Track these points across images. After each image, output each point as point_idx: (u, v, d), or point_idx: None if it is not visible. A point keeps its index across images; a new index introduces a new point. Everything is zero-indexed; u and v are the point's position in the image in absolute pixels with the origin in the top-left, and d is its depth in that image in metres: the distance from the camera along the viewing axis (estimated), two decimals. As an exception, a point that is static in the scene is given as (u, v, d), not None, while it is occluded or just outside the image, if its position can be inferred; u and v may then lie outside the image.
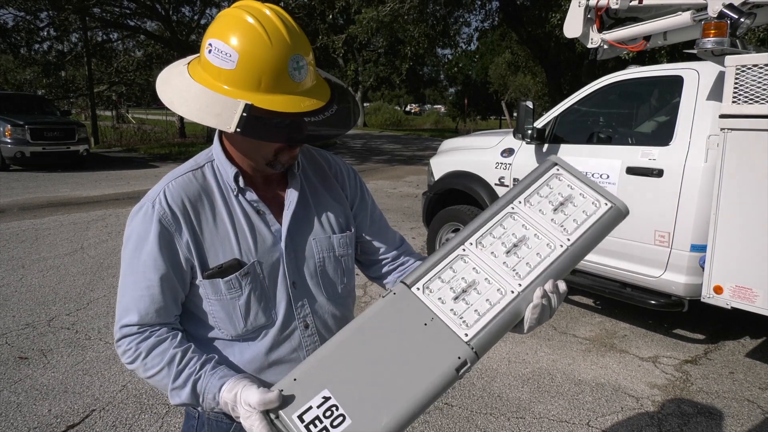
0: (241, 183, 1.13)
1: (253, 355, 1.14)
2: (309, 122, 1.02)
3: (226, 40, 0.98)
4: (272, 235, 1.15)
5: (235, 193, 1.13)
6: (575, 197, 1.10)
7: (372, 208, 1.34)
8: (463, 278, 1.02)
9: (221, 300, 1.11)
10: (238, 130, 0.97)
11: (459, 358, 0.94)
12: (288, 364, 1.15)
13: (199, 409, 1.07)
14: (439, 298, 1.00)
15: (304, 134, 1.04)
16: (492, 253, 1.04)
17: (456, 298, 1.00)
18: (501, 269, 1.02)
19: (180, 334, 1.10)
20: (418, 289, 1.01)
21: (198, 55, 1.07)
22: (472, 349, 0.95)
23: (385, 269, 1.35)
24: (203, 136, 20.70)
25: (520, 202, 1.10)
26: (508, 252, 1.04)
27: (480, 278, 1.02)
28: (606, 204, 1.09)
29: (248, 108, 0.97)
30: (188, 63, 1.08)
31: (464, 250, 1.05)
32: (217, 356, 1.10)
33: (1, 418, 2.85)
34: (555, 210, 1.09)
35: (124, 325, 1.09)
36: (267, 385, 0.96)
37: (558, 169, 1.14)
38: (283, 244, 1.15)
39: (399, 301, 1.00)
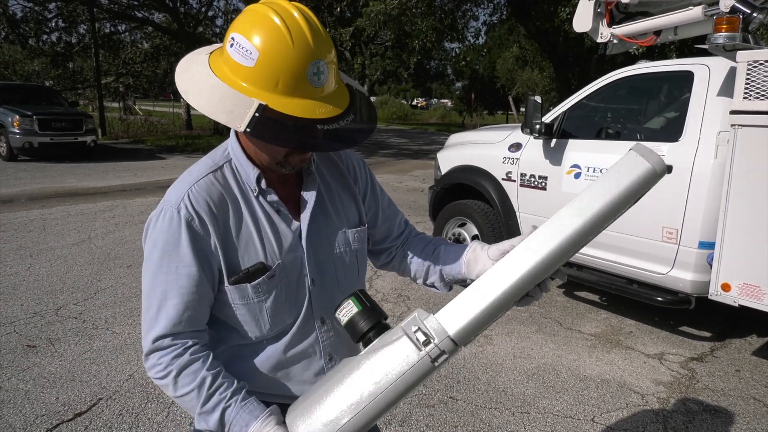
0: (263, 185, 1.11)
1: (271, 352, 1.15)
2: (321, 129, 0.99)
3: (249, 37, 0.95)
4: (293, 235, 1.14)
5: (255, 194, 1.11)
6: None
7: (382, 197, 1.34)
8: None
9: (248, 304, 1.10)
10: (248, 129, 0.94)
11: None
12: (305, 359, 1.18)
13: None
14: None
15: (316, 141, 1.01)
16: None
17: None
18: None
19: (211, 355, 1.08)
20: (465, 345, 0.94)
21: (221, 45, 1.05)
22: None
23: (391, 255, 1.37)
24: (210, 128, 20.72)
25: None
26: None
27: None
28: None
29: (262, 108, 0.94)
30: (210, 53, 1.06)
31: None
32: (246, 384, 1.09)
33: (10, 405, 2.88)
34: None
35: (157, 337, 1.05)
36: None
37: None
38: (304, 243, 1.14)
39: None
